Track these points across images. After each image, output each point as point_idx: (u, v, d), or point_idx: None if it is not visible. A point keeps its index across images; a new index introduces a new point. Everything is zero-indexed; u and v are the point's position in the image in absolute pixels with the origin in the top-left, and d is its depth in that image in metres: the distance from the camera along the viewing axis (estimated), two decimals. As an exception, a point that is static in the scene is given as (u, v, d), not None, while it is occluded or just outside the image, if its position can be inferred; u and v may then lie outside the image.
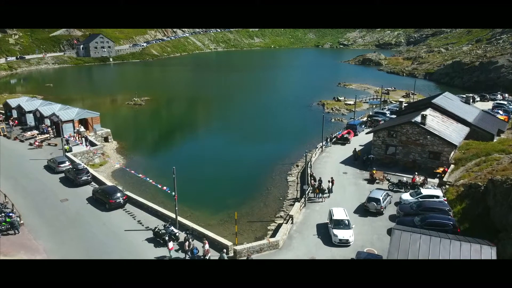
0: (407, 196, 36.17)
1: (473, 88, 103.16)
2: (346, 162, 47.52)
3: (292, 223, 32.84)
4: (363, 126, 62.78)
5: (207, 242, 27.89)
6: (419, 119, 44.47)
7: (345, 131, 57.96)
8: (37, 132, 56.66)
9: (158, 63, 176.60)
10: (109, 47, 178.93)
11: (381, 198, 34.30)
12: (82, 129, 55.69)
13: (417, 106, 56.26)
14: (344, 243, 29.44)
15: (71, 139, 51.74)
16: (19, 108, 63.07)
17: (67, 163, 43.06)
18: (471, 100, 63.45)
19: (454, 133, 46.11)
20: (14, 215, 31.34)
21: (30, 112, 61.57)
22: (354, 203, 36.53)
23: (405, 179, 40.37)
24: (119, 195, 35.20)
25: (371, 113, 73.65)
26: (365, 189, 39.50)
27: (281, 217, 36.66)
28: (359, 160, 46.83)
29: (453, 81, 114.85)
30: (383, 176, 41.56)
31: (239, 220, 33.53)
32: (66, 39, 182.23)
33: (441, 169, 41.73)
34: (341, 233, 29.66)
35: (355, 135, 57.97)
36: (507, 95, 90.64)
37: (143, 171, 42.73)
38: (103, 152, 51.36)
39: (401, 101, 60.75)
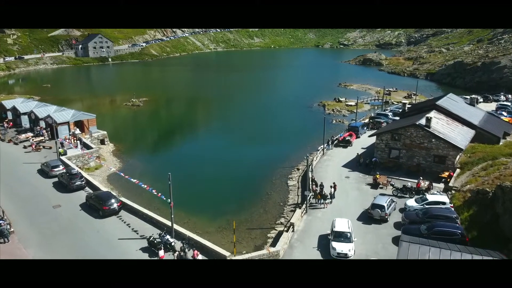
0: (412, 202, 34.92)
1: (475, 88, 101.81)
2: (348, 165, 46.32)
3: (293, 231, 31.56)
4: (365, 128, 61.38)
5: (198, 253, 27.22)
6: (423, 122, 43.23)
7: (347, 133, 56.60)
8: (32, 134, 55.32)
9: (157, 63, 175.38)
10: (108, 47, 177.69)
11: (385, 204, 33.00)
12: (77, 131, 54.43)
13: (420, 108, 54.87)
14: (342, 257, 27.69)
15: (65, 142, 50.46)
16: (14, 109, 61.79)
17: (61, 167, 41.85)
18: (475, 101, 62.16)
19: (459, 136, 44.85)
20: (4, 223, 30.17)
21: (25, 113, 60.26)
22: (357, 209, 35.34)
23: (409, 184, 38.99)
24: (113, 201, 33.96)
25: (373, 114, 72.31)
26: (368, 194, 38.29)
27: (281, 223, 35.37)
28: (362, 163, 45.62)
29: (455, 82, 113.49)
30: (386, 180, 40.29)
31: (238, 227, 32.36)
32: (64, 39, 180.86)
33: (447, 174, 40.48)
34: (340, 246, 28.04)
35: (357, 138, 56.70)
36: (510, 95, 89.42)
37: (139, 175, 41.58)
38: (98, 155, 49.94)
39: (404, 103, 59.51)
